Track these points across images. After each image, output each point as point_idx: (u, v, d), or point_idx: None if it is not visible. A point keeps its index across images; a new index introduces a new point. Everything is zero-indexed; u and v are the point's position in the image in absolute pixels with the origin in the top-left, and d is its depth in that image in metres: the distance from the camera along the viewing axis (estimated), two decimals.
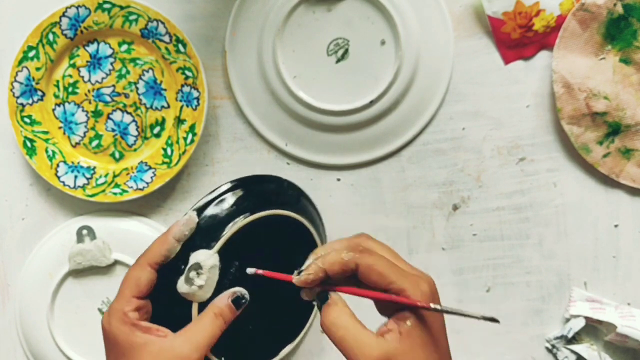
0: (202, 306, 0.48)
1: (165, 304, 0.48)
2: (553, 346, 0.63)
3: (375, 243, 0.44)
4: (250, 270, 0.48)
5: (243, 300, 0.48)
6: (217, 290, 0.49)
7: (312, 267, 0.43)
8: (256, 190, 0.54)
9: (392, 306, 0.42)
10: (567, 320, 0.62)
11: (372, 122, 0.60)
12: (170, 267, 0.48)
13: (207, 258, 0.48)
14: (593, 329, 0.63)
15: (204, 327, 0.46)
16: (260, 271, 0.47)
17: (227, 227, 0.50)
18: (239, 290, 0.48)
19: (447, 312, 0.40)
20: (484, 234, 0.62)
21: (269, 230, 0.51)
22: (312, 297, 0.44)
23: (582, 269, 0.63)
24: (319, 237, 0.55)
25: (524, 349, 0.63)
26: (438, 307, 0.40)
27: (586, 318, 0.61)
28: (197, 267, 0.47)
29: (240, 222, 0.50)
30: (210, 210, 0.51)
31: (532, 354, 0.63)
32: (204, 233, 0.50)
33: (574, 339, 0.62)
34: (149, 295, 0.48)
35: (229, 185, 0.53)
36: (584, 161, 0.61)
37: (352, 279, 0.43)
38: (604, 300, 0.62)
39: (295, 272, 0.44)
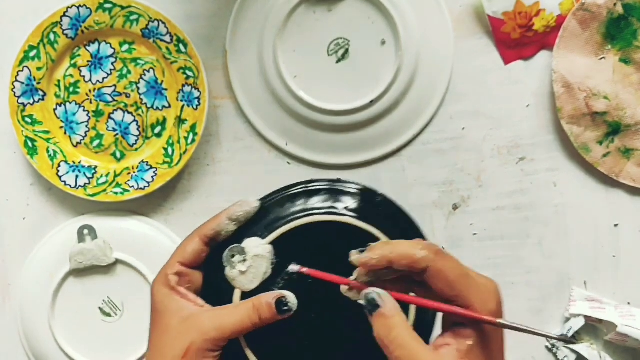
0: (246, 296, 0.46)
1: (215, 283, 0.47)
2: (553, 345, 0.63)
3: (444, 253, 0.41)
4: (293, 268, 0.44)
5: (285, 307, 0.45)
6: (266, 285, 0.47)
7: (378, 251, 0.39)
8: (337, 194, 0.50)
9: (451, 315, 0.40)
10: (567, 319, 0.62)
11: (372, 122, 0.60)
12: (225, 248, 0.47)
13: (255, 246, 0.47)
14: (593, 328, 0.63)
15: (236, 313, 0.44)
16: (304, 269, 0.44)
17: (286, 222, 0.48)
18: (288, 295, 0.45)
19: (517, 329, 0.38)
20: (484, 234, 0.63)
21: (344, 241, 0.45)
22: (358, 298, 0.40)
23: (582, 268, 0.63)
24: None
25: (524, 348, 0.63)
26: (506, 322, 0.37)
27: (586, 317, 0.61)
28: (240, 250, 0.46)
29: (301, 220, 0.47)
30: (278, 203, 0.50)
31: (532, 354, 0.63)
32: (265, 223, 0.48)
33: (574, 338, 0.62)
34: (195, 266, 0.48)
35: (307, 182, 0.51)
36: (584, 161, 0.61)
37: (403, 280, 0.40)
38: (604, 299, 0.62)
39: (356, 251, 0.40)
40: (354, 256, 0.40)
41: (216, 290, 0.48)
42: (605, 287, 0.63)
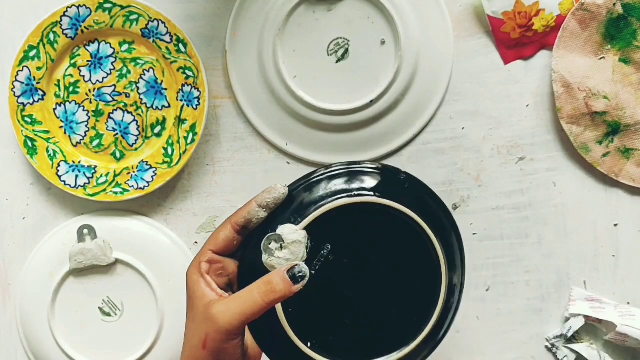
0: None
1: (252, 271, 0.48)
2: (553, 345, 0.63)
3: None
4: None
5: (300, 273, 0.46)
6: None
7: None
8: (360, 175, 0.50)
9: None
10: (567, 319, 0.62)
11: (372, 122, 0.60)
12: (260, 236, 0.48)
13: (290, 232, 0.47)
14: (593, 328, 0.63)
15: (247, 298, 0.45)
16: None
17: (318, 206, 0.48)
18: (299, 264, 0.46)
19: None
20: (483, 234, 0.63)
21: (375, 221, 0.48)
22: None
23: (581, 268, 0.63)
24: (442, 251, 0.49)
25: (524, 348, 0.63)
26: None
27: (586, 317, 0.61)
28: (278, 238, 0.47)
29: (333, 203, 0.47)
30: (309, 187, 0.50)
31: (531, 353, 0.63)
32: (297, 208, 0.49)
33: (574, 338, 0.62)
34: (227, 253, 0.49)
35: (337, 166, 0.51)
36: (584, 160, 0.61)
37: None
38: (604, 299, 0.62)
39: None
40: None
41: (254, 278, 0.48)
42: (605, 287, 0.63)
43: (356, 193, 0.49)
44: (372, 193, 0.49)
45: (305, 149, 0.61)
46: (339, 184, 0.50)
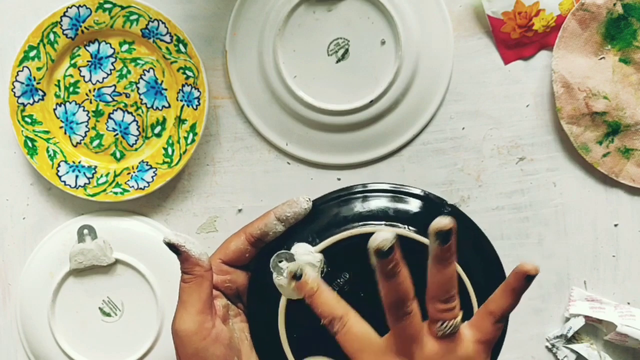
0: (292, 302, 0.43)
1: (262, 288, 0.44)
2: (553, 345, 0.63)
3: None
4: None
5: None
6: None
7: (309, 286, 0.40)
8: (398, 202, 0.46)
9: None
10: (567, 319, 0.62)
11: (372, 122, 0.60)
12: (275, 251, 0.44)
13: (304, 253, 0.43)
14: (593, 328, 0.63)
15: (191, 295, 0.43)
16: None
17: (342, 230, 0.43)
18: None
19: None
20: None
21: (404, 257, 0.41)
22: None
23: (581, 268, 0.63)
24: (475, 292, 0.45)
25: (524, 348, 0.63)
26: None
27: (586, 317, 0.61)
28: (289, 257, 0.43)
29: (358, 230, 0.43)
30: (337, 205, 0.46)
31: (531, 353, 0.63)
32: (319, 227, 0.44)
33: (574, 338, 0.62)
34: (238, 265, 0.46)
35: (374, 185, 0.47)
36: (584, 161, 0.61)
37: None
38: (604, 299, 0.62)
39: (293, 269, 0.40)
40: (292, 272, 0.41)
41: (263, 294, 0.45)
42: (605, 287, 0.63)
43: (387, 223, 0.44)
44: (405, 225, 0.44)
45: (305, 149, 0.61)
46: (370, 208, 0.46)
